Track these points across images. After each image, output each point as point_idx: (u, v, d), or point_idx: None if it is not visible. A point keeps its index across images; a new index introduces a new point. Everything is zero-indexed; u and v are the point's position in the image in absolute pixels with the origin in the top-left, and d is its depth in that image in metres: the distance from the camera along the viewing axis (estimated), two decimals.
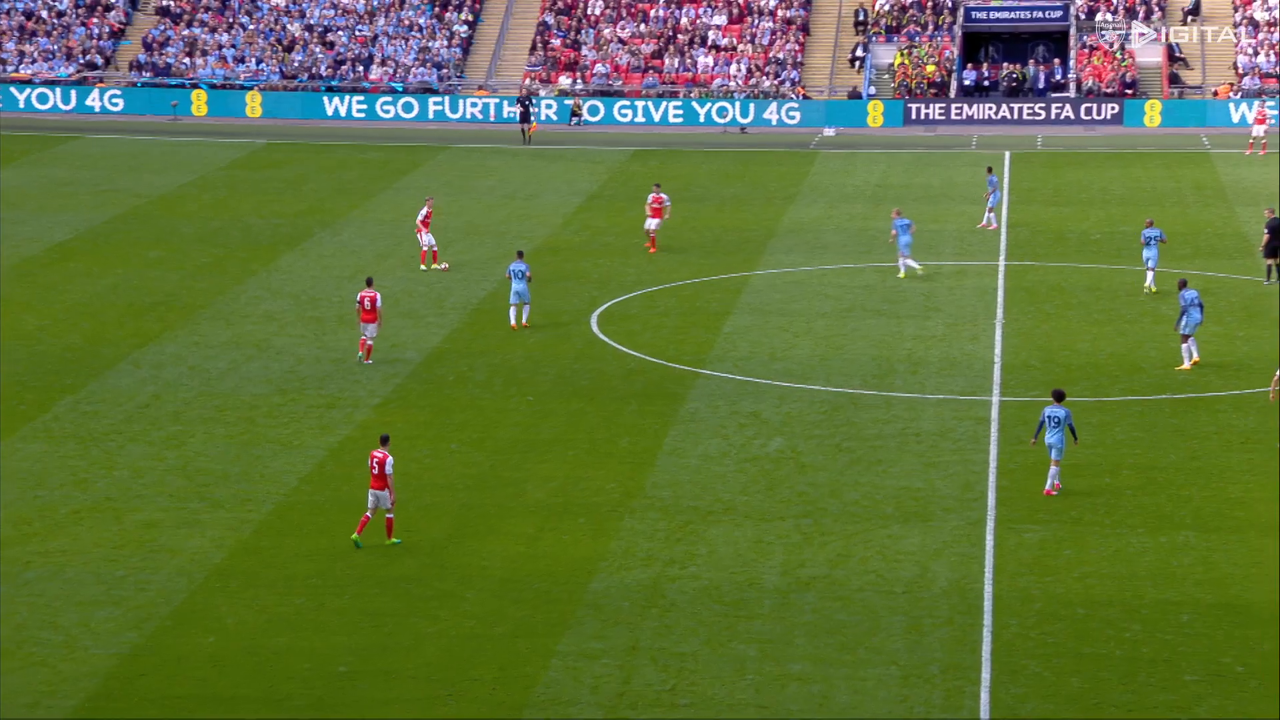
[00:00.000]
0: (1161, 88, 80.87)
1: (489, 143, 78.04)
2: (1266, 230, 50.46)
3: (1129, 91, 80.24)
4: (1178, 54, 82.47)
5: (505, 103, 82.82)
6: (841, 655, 27.41)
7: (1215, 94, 79.70)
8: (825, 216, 61.47)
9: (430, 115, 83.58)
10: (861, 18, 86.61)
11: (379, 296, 42.96)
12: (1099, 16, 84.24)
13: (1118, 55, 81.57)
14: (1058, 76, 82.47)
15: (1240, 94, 78.90)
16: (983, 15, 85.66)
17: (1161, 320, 46.72)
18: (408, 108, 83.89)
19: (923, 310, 48.35)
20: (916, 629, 28.30)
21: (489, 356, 44.20)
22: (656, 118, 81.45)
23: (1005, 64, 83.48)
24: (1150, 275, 49.45)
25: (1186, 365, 42.08)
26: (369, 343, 43.07)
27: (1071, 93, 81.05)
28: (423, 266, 52.66)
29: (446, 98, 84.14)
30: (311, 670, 26.82)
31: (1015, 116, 79.95)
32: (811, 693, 26.25)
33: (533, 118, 77.24)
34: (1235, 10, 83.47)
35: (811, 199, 64.65)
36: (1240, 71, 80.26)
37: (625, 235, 56.72)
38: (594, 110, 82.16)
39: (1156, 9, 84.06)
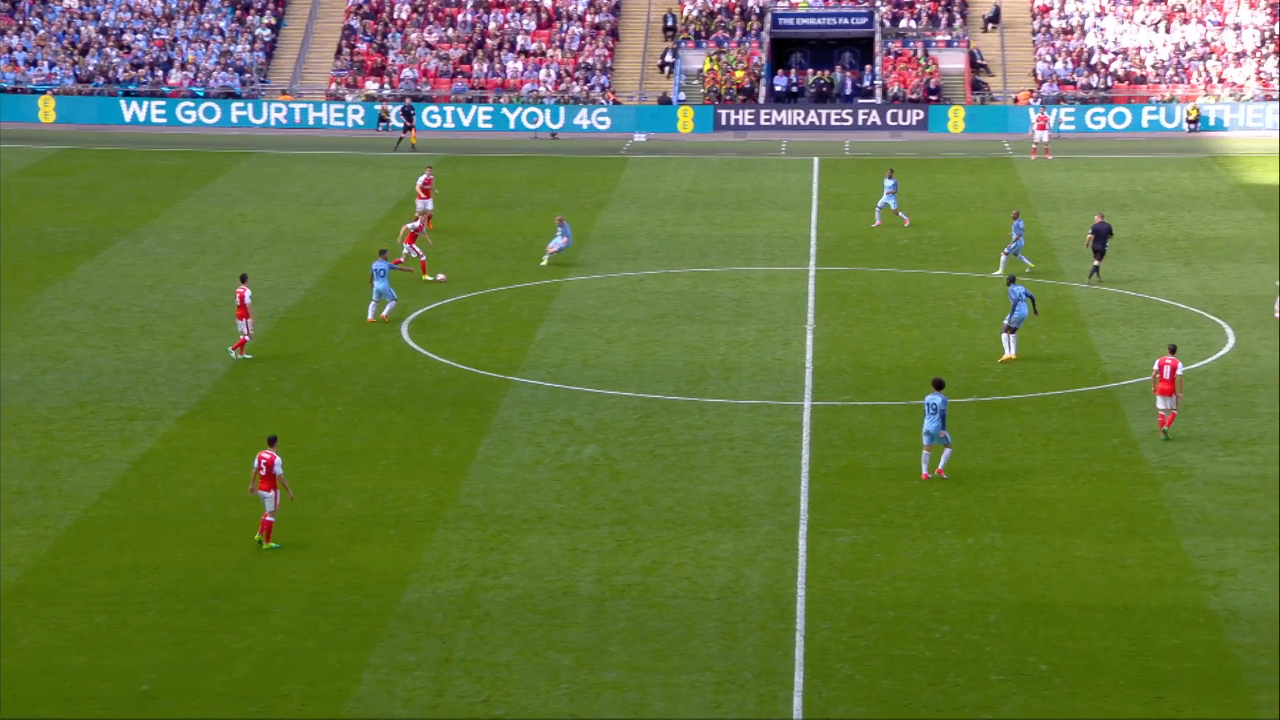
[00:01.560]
0: (965, 94, 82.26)
1: (294, 148, 77.03)
2: (1091, 232, 51.66)
3: (933, 98, 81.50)
4: (980, 61, 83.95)
5: (362, 108, 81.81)
6: (656, 662, 27.36)
7: (1016, 100, 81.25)
8: (637, 222, 61.56)
9: (233, 120, 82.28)
10: (670, 23, 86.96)
11: (248, 292, 43.00)
12: (903, 23, 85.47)
13: (921, 61, 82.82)
14: (864, 83, 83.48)
15: (1040, 100, 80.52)
16: (790, 22, 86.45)
17: (968, 324, 47.43)
18: (209, 113, 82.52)
19: (735, 316, 48.57)
20: (730, 634, 28.34)
21: (297, 365, 43.54)
22: (466, 123, 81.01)
23: (813, 70, 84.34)
24: (1007, 261, 50.97)
25: (1010, 354, 43.20)
26: (245, 339, 43.34)
27: (878, 99, 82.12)
28: (426, 277, 51.50)
29: (250, 102, 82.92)
30: (113, 690, 26.13)
31: (823, 122, 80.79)
32: (626, 700, 26.15)
33: (412, 126, 76.48)
34: (1034, 18, 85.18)
35: (623, 205, 64.72)
36: (1039, 78, 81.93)
37: (436, 242, 56.21)
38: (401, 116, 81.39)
39: (959, 16, 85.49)
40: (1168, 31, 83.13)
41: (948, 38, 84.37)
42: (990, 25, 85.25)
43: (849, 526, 32.97)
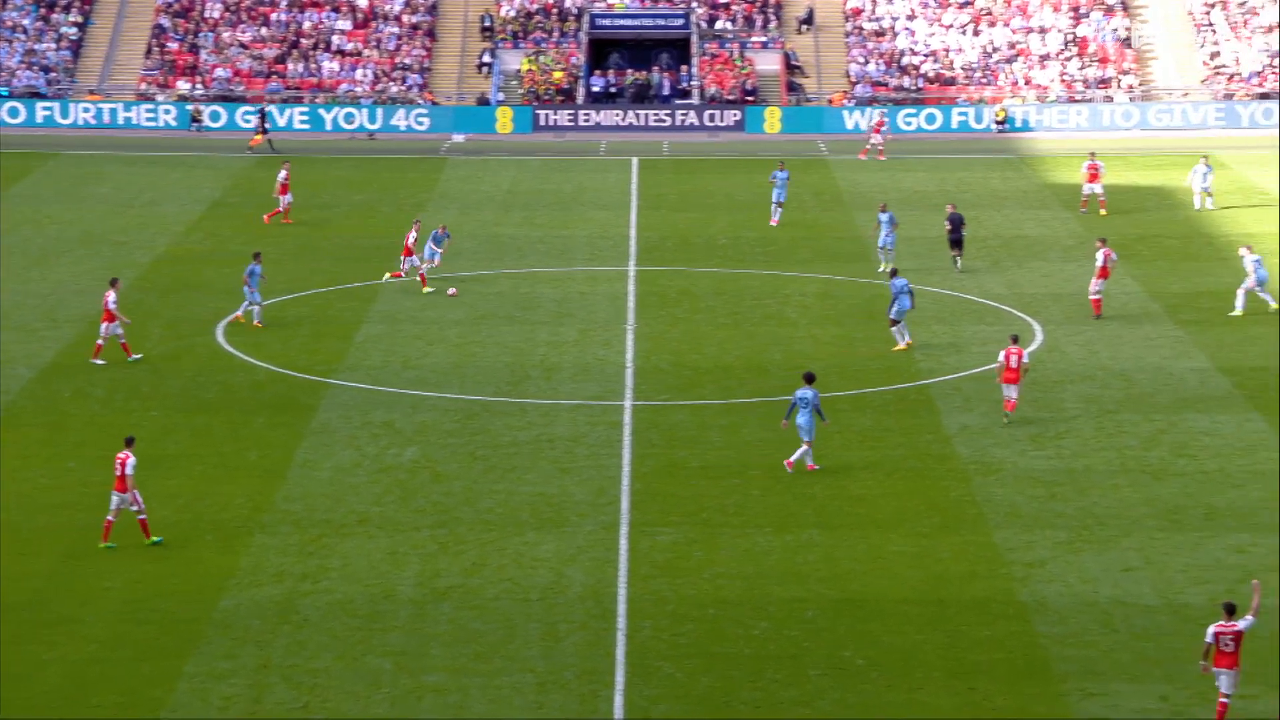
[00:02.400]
0: (780, 95, 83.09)
1: (104, 149, 75.62)
2: (948, 222, 53.02)
3: (750, 99, 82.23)
4: (795, 62, 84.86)
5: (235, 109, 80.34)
6: (477, 664, 27.30)
7: (830, 101, 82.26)
8: (457, 223, 61.28)
9: (39, 120, 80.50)
10: (488, 24, 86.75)
11: (112, 297, 42.85)
12: (719, 25, 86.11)
13: (738, 63, 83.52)
14: (682, 84, 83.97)
15: (854, 101, 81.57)
16: (608, 23, 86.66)
17: (787, 324, 47.92)
18: (14, 113, 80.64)
19: (555, 316, 48.60)
20: (552, 635, 28.37)
21: (109, 370, 42.75)
22: (281, 123, 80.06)
23: (631, 71, 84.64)
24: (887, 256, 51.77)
25: (901, 345, 44.06)
26: (101, 344, 43.02)
27: (695, 100, 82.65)
28: (427, 290, 50.55)
29: (56, 102, 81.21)
30: None
31: (642, 123, 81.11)
32: (447, 703, 26.07)
33: (267, 128, 75.28)
34: (846, 20, 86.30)
35: (442, 205, 64.43)
36: (853, 79, 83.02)
37: (251, 243, 55.54)
38: (215, 116, 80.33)
39: (773, 18, 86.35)
40: (976, 34, 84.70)
41: (763, 39, 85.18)
42: (804, 27, 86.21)
43: (670, 525, 33.16)
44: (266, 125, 75.77)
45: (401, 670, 27.04)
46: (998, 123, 79.13)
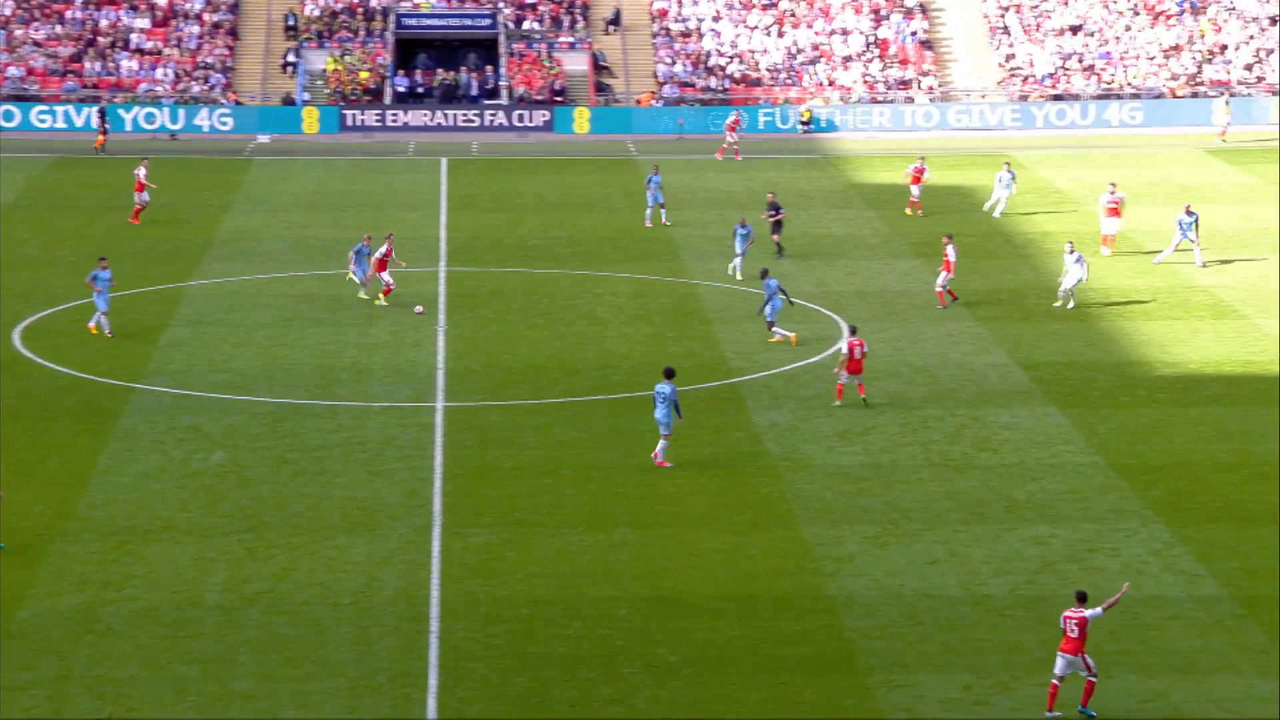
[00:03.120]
0: (589, 95, 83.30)
1: None
2: (771, 209, 54.35)
3: (558, 99, 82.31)
4: (602, 63, 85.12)
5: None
6: (287, 670, 27.01)
7: (639, 102, 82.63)
8: (264, 225, 60.59)
9: None
10: (292, 22, 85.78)
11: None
12: (526, 25, 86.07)
13: (546, 63, 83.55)
14: (490, 84, 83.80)
15: (662, 101, 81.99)
16: (414, 22, 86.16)
17: (598, 323, 48.04)
18: None
19: (366, 318, 48.23)
20: (364, 639, 28.16)
21: None
22: (79, 123, 78.40)
23: (439, 71, 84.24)
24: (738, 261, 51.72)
25: (785, 337, 44.77)
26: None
27: (504, 100, 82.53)
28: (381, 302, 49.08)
29: None
30: None
31: (450, 123, 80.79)
32: (256, 710, 25.77)
33: (108, 128, 73.37)
34: (653, 21, 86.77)
35: (249, 207, 63.60)
36: (660, 80, 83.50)
37: (49, 246, 54.41)
38: (9, 116, 78.40)
39: (580, 18, 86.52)
40: (780, 35, 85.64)
41: (571, 40, 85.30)
42: (611, 28, 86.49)
43: (483, 526, 33.08)
44: (107, 125, 74.19)
45: (209, 677, 26.66)
46: (803, 123, 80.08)
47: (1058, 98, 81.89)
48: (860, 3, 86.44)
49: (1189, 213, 52.81)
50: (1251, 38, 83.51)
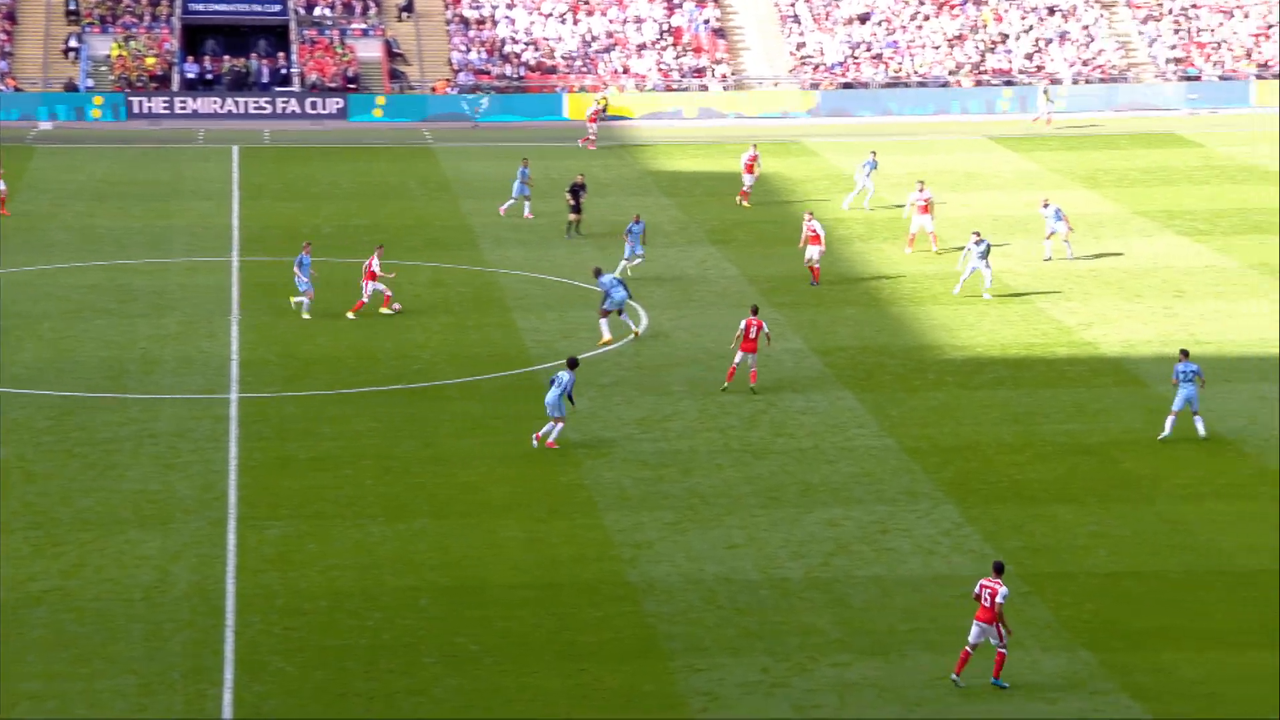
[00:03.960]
0: (383, 83, 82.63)
1: None
2: (568, 191, 55.10)
3: (352, 86, 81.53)
4: (396, 50, 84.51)
5: None
6: (76, 669, 26.48)
7: (434, 89, 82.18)
8: (48, 214, 59.19)
9: None
10: (73, 7, 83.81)
11: None
12: (317, 11, 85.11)
13: (338, 50, 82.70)
14: (282, 71, 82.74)
15: (457, 89, 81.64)
16: (201, 7, 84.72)
17: (400, 313, 47.69)
18: None
19: (156, 309, 47.37)
20: (157, 635, 27.70)
21: None
22: None
23: (228, 57, 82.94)
24: (629, 264, 50.76)
25: (626, 335, 44.67)
26: None
27: (296, 87, 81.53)
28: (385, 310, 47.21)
29: None
30: None
31: (241, 110, 79.63)
32: (46, 710, 25.24)
33: None
34: (446, 8, 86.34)
35: (32, 196, 62.09)
36: (455, 67, 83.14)
37: None
38: None
39: (373, 5, 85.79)
40: (575, 23, 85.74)
41: (363, 26, 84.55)
42: (405, 14, 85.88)
43: (280, 519, 32.71)
44: None
45: None
46: (599, 111, 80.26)
47: (848, 86, 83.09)
48: None
49: (1046, 205, 53.46)
50: (1030, 28, 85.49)
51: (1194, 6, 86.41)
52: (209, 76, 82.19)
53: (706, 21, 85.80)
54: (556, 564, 31.01)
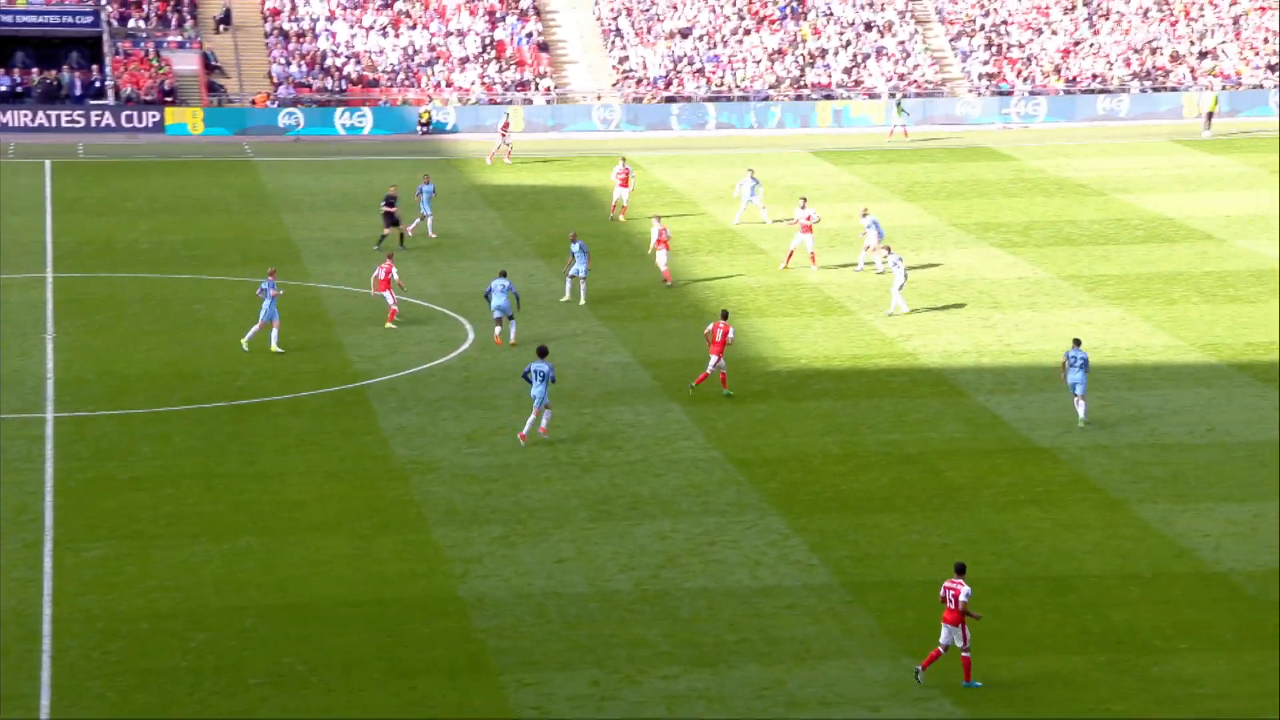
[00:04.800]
0: (201, 96, 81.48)
1: None
2: (384, 201, 55.53)
3: (169, 99, 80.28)
4: (214, 63, 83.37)
5: None
6: None
7: (254, 102, 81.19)
8: None
9: None
10: None
11: None
12: (132, 23, 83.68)
13: (154, 62, 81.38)
14: (96, 84, 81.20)
15: (277, 102, 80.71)
16: (9, 19, 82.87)
17: (218, 328, 46.99)
18: None
19: None
20: None
21: None
22: None
23: (38, 70, 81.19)
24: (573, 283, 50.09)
25: (512, 340, 44.89)
26: None
27: (110, 100, 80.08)
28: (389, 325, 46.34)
29: None
30: None
31: (53, 124, 78.02)
32: None
33: None
34: (265, 21, 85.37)
35: None
36: (275, 81, 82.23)
37: None
38: None
39: (189, 17, 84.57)
40: (396, 36, 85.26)
41: (179, 39, 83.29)
42: (222, 27, 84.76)
43: (98, 540, 32.06)
44: None
45: None
46: (421, 124, 79.91)
47: (670, 100, 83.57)
48: (475, 4, 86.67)
49: (865, 214, 54.06)
50: (848, 43, 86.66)
51: (1005, 24, 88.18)
52: (19, 89, 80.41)
53: (530, 35, 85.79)
54: (385, 580, 30.75)
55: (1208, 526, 33.27)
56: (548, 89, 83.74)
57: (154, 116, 78.66)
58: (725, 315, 41.61)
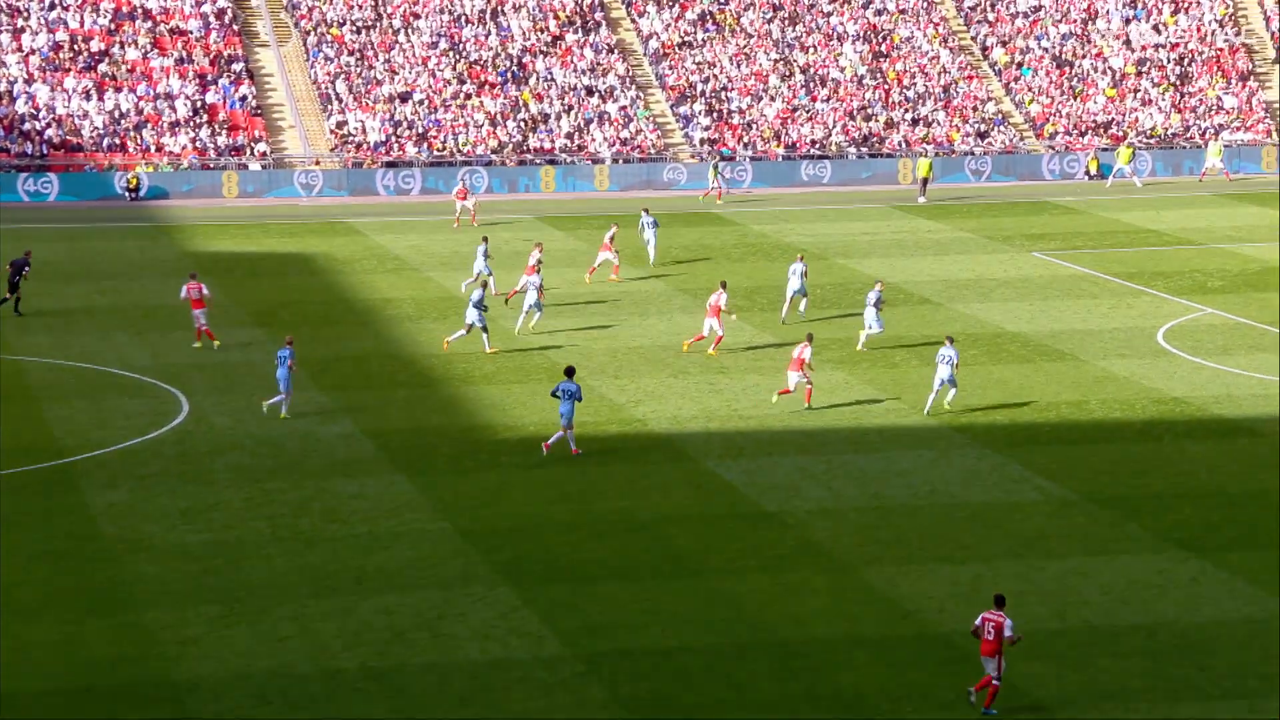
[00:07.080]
0: None
1: None
2: (10, 265, 53.84)
3: None
4: None
5: None
6: None
7: None
8: None
9: None
10: None
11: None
12: None
13: None
14: None
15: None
16: None
17: None
18: None
19: None
20: None
21: None
22: None
23: None
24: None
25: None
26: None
27: None
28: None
29: None
30: None
31: None
32: None
33: None
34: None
35: None
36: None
37: None
38: None
39: None
40: (101, 99, 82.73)
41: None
42: None
43: None
44: None
45: None
46: (130, 190, 77.60)
47: (391, 165, 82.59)
48: (185, 68, 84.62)
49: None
50: (570, 108, 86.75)
51: (725, 90, 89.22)
52: None
53: (243, 99, 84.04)
54: (94, 667, 29.15)
55: (931, 588, 33.41)
56: (262, 154, 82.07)
57: None
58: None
